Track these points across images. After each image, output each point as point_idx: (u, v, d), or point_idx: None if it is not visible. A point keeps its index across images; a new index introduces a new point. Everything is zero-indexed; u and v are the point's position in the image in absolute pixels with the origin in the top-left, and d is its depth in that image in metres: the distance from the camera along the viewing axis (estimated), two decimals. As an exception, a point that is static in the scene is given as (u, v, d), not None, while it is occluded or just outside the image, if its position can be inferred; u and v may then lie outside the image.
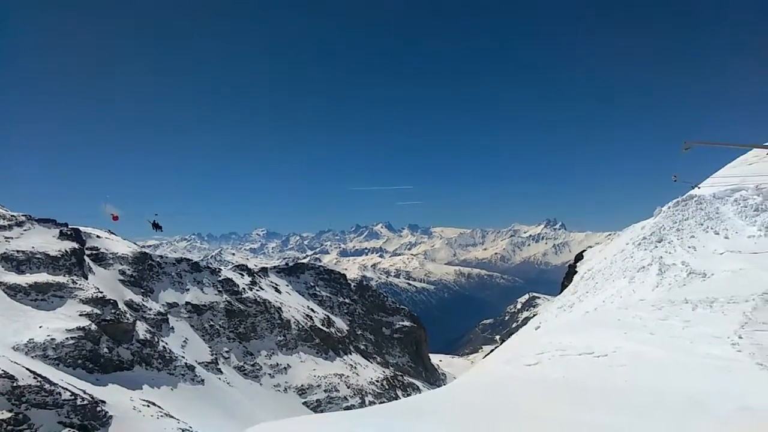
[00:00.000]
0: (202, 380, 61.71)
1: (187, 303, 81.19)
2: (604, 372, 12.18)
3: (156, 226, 34.62)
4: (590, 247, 55.68)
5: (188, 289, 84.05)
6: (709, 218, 30.56)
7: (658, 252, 28.56)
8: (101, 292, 59.02)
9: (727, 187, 33.41)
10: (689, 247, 27.67)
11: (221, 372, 71.03)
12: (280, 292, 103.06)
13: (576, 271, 42.58)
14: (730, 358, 11.33)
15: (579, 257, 49.72)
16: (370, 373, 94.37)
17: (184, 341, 73.13)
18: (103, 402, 38.60)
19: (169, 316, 75.66)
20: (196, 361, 66.87)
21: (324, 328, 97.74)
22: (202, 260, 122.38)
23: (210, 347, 76.14)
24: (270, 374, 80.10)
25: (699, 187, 36.18)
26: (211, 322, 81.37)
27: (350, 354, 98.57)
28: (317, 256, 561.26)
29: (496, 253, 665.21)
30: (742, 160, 41.37)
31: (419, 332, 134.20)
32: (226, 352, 79.12)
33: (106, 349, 52.13)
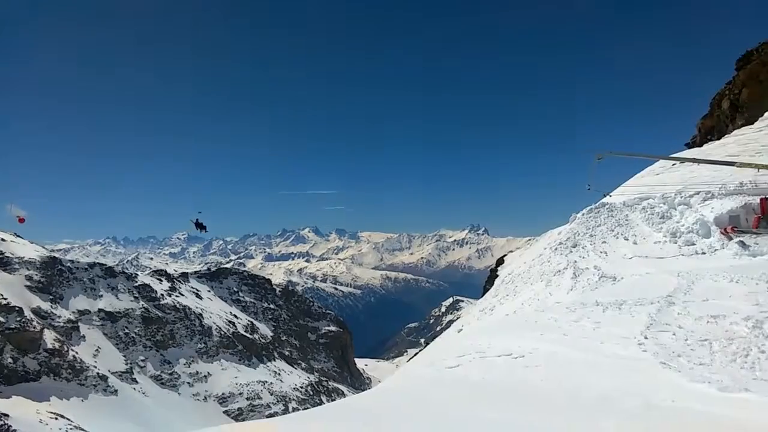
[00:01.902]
0: (116, 390, 58.88)
1: (100, 310, 77.15)
2: (521, 372, 12.50)
3: (200, 226, 31.55)
4: (511, 251, 57.53)
5: (101, 296, 79.90)
6: (619, 225, 32.27)
7: (573, 256, 29.83)
8: (5, 299, 55.10)
9: (636, 196, 35.42)
10: (601, 252, 29.09)
11: (136, 382, 67.95)
12: (201, 298, 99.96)
13: (497, 275, 43.79)
14: (636, 357, 11.92)
15: (500, 261, 51.22)
16: (294, 379, 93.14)
17: (97, 350, 69.44)
18: (6, 415, 36.04)
19: (80, 323, 71.60)
20: (109, 371, 63.67)
21: (247, 335, 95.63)
22: (117, 265, 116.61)
23: (125, 356, 72.67)
24: (189, 383, 77.45)
25: (610, 196, 38.22)
26: (126, 330, 77.68)
27: (274, 360, 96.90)
28: (241, 260, 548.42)
29: (422, 258, 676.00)
30: (649, 170, 44.05)
31: (345, 337, 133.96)
32: (142, 360, 75.77)
33: (10, 360, 48.73)
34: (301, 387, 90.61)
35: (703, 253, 25.83)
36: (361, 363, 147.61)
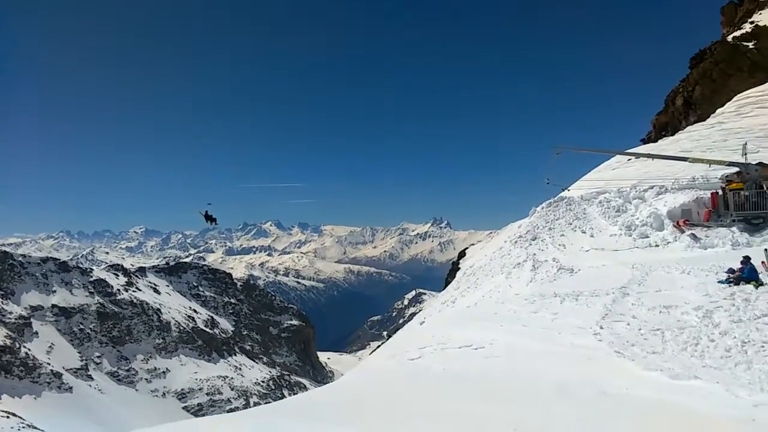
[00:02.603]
0: (71, 388, 57.33)
1: (54, 306, 74.88)
2: (481, 363, 12.63)
3: (209, 218, 30.16)
4: (473, 244, 58.14)
5: (55, 291, 77.51)
6: (577, 218, 32.96)
7: (533, 249, 30.33)
8: (-51, 295, 52.76)
9: (593, 190, 36.23)
10: (559, 245, 29.68)
11: (92, 378, 66.30)
12: (159, 293, 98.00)
13: (459, 268, 44.20)
14: (592, 347, 12.21)
15: (462, 254, 51.70)
16: (255, 373, 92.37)
17: (50, 347, 67.43)
18: (-50, 416, 34.54)
19: (32, 320, 69.35)
20: (63, 368, 61.92)
21: (207, 330, 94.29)
22: (71, 260, 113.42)
23: (79, 352, 70.76)
24: (147, 379, 75.99)
25: (568, 190, 39.00)
26: (81, 326, 75.59)
27: (235, 355, 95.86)
28: (201, 254, 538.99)
29: (385, 251, 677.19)
30: (606, 165, 45.14)
31: (307, 331, 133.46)
32: (98, 357, 73.93)
33: (-45, 358, 46.67)
34: (263, 381, 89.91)
35: (657, 246, 26.64)
36: (323, 356, 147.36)
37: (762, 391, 8.69)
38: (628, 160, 41.51)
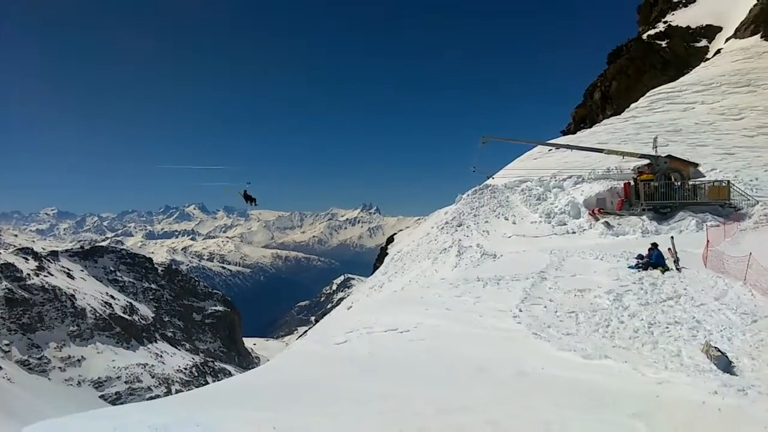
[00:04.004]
0: (-25, 378, 53.43)
1: (-46, 292, 69.46)
2: (406, 346, 12.81)
3: (249, 199, 27.36)
4: (401, 230, 58.80)
5: (-45, 276, 71.86)
6: (501, 206, 33.99)
7: (458, 235, 31.02)
8: None
9: (516, 179, 37.44)
10: (483, 231, 30.52)
11: (0, 368, 62.12)
12: (73, 278, 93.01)
13: (387, 253, 44.59)
14: (511, 329, 12.66)
15: (390, 240, 52.18)
16: (177, 360, 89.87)
17: (-49, 336, 62.58)
18: None
19: (-71, 307, 64.05)
20: (-35, 358, 57.59)
21: (126, 316, 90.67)
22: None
23: (-16, 341, 66.11)
24: (60, 368, 72.25)
25: (493, 178, 40.10)
26: (-14, 313, 70.63)
27: (156, 342, 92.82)
28: (119, 238, 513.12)
29: (314, 236, 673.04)
30: (528, 155, 46.70)
31: (233, 316, 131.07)
32: (6, 345, 69.55)
33: None
34: (185, 368, 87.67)
35: (574, 233, 27.94)
36: (249, 342, 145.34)
37: (666, 369, 9.29)
38: (549, 150, 43.11)
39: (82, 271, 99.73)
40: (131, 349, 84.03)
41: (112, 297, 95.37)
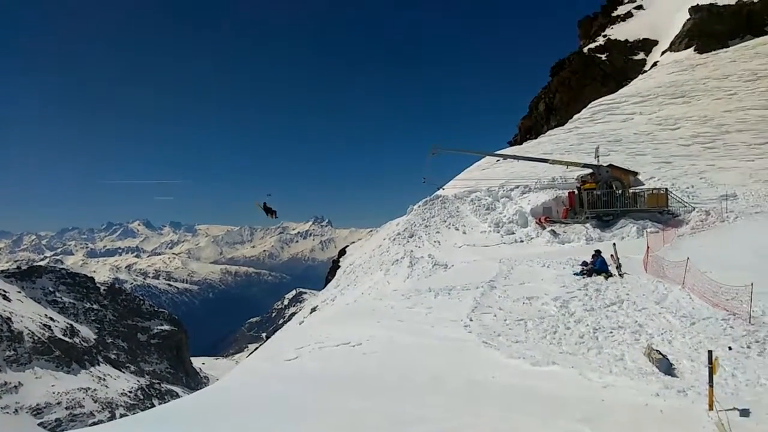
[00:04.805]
0: None
1: None
2: (358, 360, 12.70)
3: (269, 211, 25.79)
4: (353, 242, 58.62)
5: None
6: (451, 216, 34.34)
7: (410, 246, 31.11)
8: None
9: (466, 189, 37.96)
10: (435, 242, 30.73)
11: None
12: (9, 300, 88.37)
13: (339, 266, 44.30)
14: (463, 338, 12.73)
15: (342, 253, 51.89)
16: (121, 383, 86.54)
17: None
18: None
19: None
20: None
21: (66, 339, 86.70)
22: None
23: None
24: (-5, 396, 68.21)
25: (443, 189, 40.54)
26: None
27: (99, 365, 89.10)
28: (59, 257, 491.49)
29: (264, 251, 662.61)
30: (477, 165, 47.48)
31: (180, 336, 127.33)
32: (-67, 374, 65.24)
33: None
34: (130, 392, 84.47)
35: (521, 241, 28.48)
36: (198, 362, 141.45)
37: (611, 373, 9.50)
38: (497, 161, 43.96)
39: (19, 292, 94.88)
40: (72, 373, 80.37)
41: (52, 319, 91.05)
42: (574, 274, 18.21)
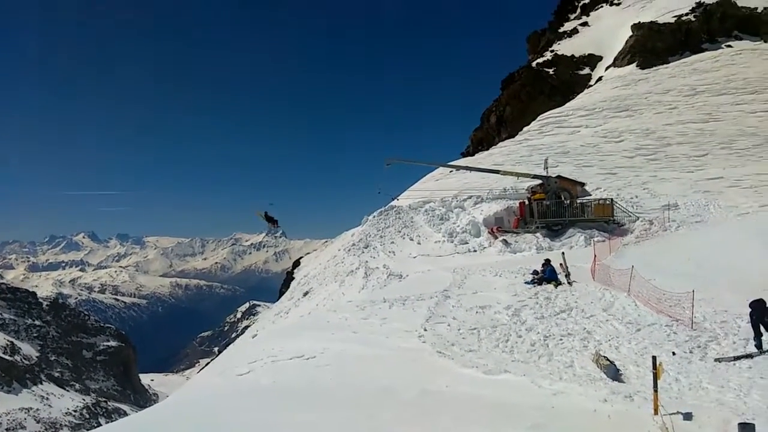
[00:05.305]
0: None
1: None
2: (312, 373, 12.53)
3: (270, 220, 25.33)
4: (308, 253, 58.06)
5: None
6: (406, 226, 34.49)
7: (365, 257, 31.04)
8: None
9: (420, 199, 38.24)
10: (390, 252, 30.78)
11: None
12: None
13: (294, 278, 43.79)
14: (417, 348, 12.76)
15: (297, 264, 51.31)
16: (66, 402, 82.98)
17: None
18: None
19: None
20: None
21: (6, 357, 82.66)
22: None
23: None
24: (-74, 420, 64.30)
25: (398, 199, 40.72)
26: None
27: (41, 383, 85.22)
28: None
29: (216, 263, 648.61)
30: (431, 176, 47.98)
31: (127, 352, 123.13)
32: None
33: None
34: (75, 411, 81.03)
35: (475, 251, 28.86)
36: (146, 379, 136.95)
37: (561, 380, 9.70)
38: (450, 171, 44.50)
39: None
40: (13, 393, 76.62)
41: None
42: (525, 282, 18.57)
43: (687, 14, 66.56)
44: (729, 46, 61.24)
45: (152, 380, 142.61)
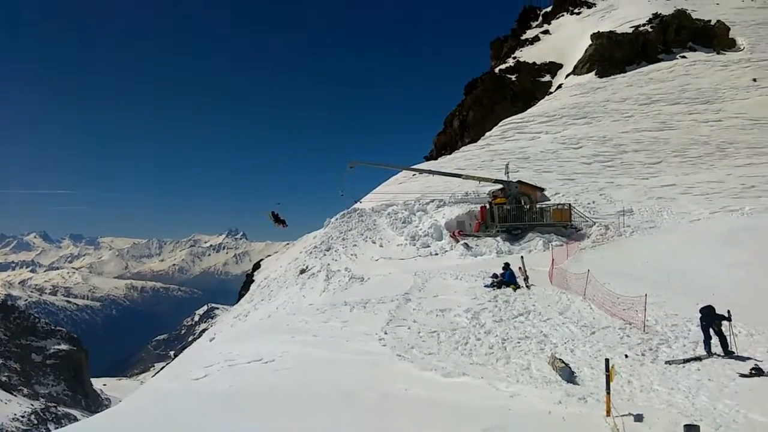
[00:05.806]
0: None
1: None
2: (270, 377, 12.35)
3: (278, 220, 24.78)
4: (269, 256, 57.43)
5: None
6: (368, 229, 34.47)
7: (327, 259, 30.87)
8: None
9: (383, 202, 38.29)
10: (352, 255, 30.69)
11: None
12: None
13: (254, 280, 43.23)
14: (377, 352, 12.72)
15: (257, 266, 50.67)
16: (13, 408, 79.92)
17: None
18: None
19: None
20: None
21: (-52, 361, 79.09)
22: None
23: None
24: None
25: (361, 202, 40.67)
26: None
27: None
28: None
29: (174, 265, 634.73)
30: (394, 179, 48.09)
31: (79, 356, 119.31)
32: None
33: None
34: (23, 416, 78.14)
35: (436, 254, 29.03)
36: (98, 383, 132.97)
37: (517, 383, 9.83)
38: (413, 175, 44.71)
39: None
40: (-46, 400, 73.45)
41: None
42: (485, 286, 18.77)
43: (644, 25, 68.84)
44: (684, 56, 63.58)
45: (105, 385, 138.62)
